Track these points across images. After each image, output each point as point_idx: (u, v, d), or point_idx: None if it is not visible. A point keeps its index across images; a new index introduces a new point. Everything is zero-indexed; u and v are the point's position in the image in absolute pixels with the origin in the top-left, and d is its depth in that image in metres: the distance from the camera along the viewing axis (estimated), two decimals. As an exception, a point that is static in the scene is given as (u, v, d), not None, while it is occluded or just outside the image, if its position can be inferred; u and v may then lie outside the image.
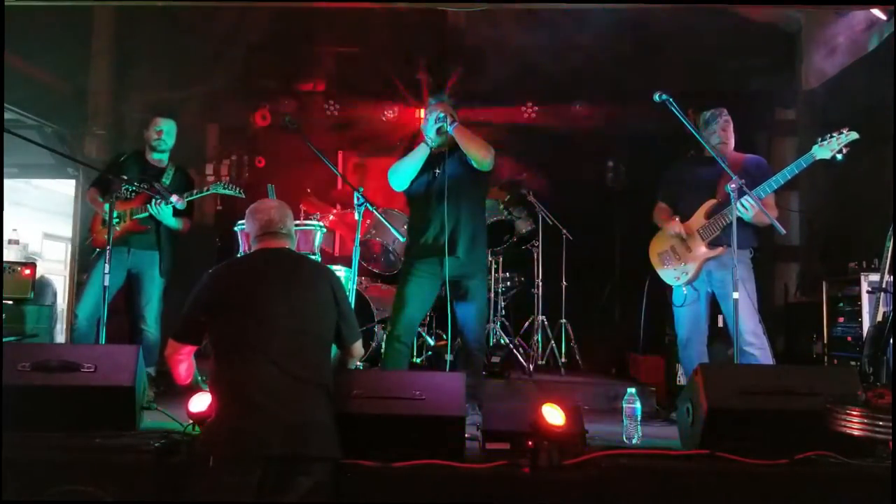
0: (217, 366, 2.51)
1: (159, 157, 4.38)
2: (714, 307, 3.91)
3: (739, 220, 3.49)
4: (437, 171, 3.78)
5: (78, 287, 4.14)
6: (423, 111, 4.23)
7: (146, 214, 4.18)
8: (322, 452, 2.39)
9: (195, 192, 4.25)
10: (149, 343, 4.10)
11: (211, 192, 4.27)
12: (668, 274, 3.96)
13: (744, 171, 3.60)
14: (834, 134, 3.43)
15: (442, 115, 3.70)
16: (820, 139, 3.45)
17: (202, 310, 2.59)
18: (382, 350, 4.70)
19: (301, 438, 2.34)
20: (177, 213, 4.21)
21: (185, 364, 2.72)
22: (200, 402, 2.75)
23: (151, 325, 4.20)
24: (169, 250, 4.29)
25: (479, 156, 3.70)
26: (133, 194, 4.22)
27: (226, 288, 2.62)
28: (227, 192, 4.31)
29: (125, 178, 4.12)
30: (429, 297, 3.85)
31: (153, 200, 4.14)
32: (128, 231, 4.18)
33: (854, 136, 3.41)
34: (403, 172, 3.79)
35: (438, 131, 3.72)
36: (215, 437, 2.41)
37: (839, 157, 3.42)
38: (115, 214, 4.06)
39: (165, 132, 4.33)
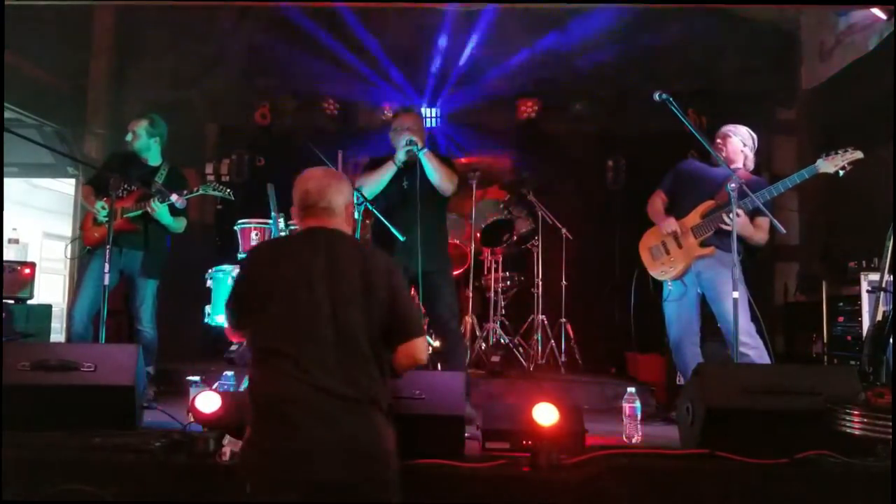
0: (253, 373, 2.18)
1: (150, 157, 4.30)
2: (705, 309, 3.91)
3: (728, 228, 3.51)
4: (405, 183, 3.90)
5: (74, 288, 4.09)
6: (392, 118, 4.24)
7: (138, 213, 4.10)
8: (371, 484, 2.01)
9: (185, 192, 4.11)
10: (146, 342, 4.06)
11: (200, 192, 4.16)
12: (655, 269, 3.99)
13: (746, 186, 3.63)
14: (840, 151, 3.52)
15: (412, 138, 3.81)
16: (825, 154, 3.54)
17: (238, 300, 2.28)
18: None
19: (350, 466, 2.00)
20: (174, 212, 4.15)
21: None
22: (208, 403, 2.73)
23: (147, 324, 4.16)
24: (158, 250, 4.21)
25: (443, 185, 3.89)
26: (126, 192, 4.15)
27: (259, 278, 2.24)
28: (215, 193, 4.21)
29: (121, 176, 4.08)
30: None
31: (152, 199, 4.06)
32: (118, 230, 4.00)
33: (859, 154, 3.51)
34: (370, 186, 3.91)
35: (408, 153, 3.84)
36: (250, 461, 2.10)
37: (841, 173, 3.53)
38: (106, 213, 4.04)
39: (138, 136, 4.23)
